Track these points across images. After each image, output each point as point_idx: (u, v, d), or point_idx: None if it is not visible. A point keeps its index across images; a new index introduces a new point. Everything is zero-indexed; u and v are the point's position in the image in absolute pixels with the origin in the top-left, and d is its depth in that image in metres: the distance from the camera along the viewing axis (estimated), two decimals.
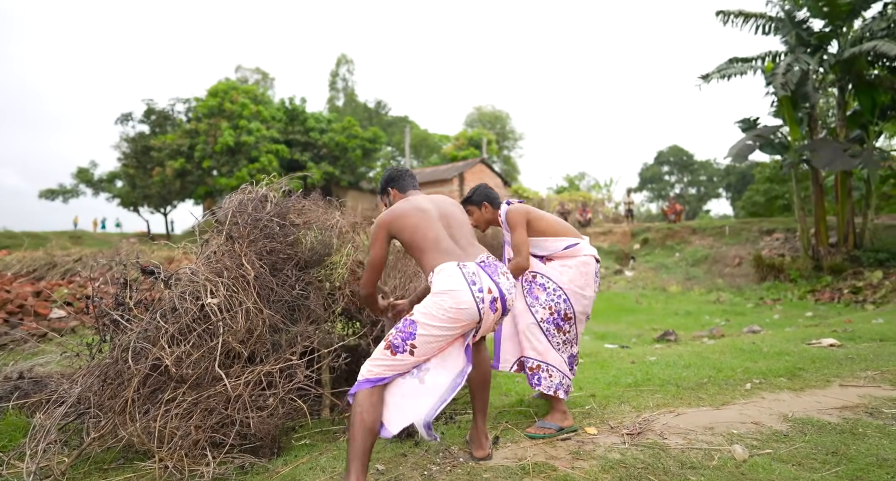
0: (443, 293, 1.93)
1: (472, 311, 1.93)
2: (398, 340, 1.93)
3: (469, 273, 1.97)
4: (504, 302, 2.02)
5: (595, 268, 2.71)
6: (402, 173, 2.45)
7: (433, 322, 1.92)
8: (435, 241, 2.07)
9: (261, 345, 2.44)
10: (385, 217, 2.14)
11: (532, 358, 2.59)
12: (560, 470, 2.06)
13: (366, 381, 1.92)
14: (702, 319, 7.33)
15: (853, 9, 11.41)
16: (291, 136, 26.26)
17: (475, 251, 2.12)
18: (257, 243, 2.61)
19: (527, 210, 2.70)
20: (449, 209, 2.25)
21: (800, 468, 2.01)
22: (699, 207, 43.96)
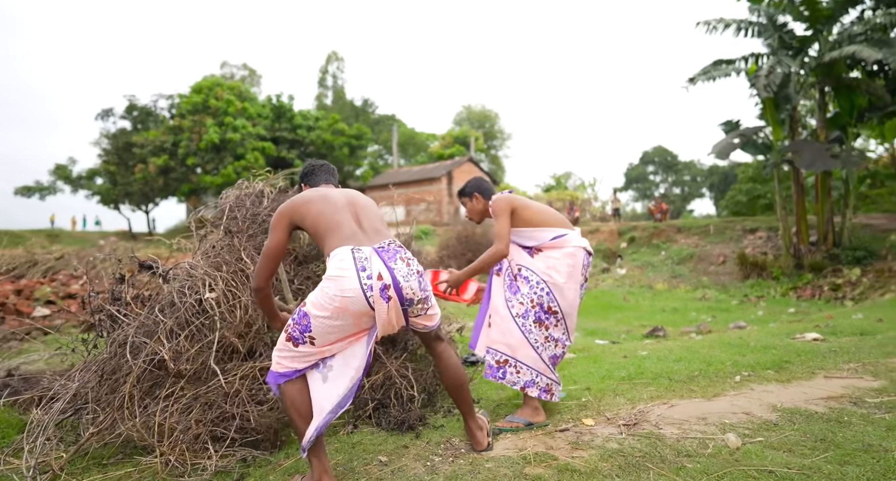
0: (329, 279, 1.82)
1: (359, 299, 1.78)
2: (296, 332, 1.84)
3: (360, 257, 1.83)
4: (399, 290, 1.85)
5: (583, 259, 2.65)
6: (316, 167, 2.35)
7: (321, 311, 1.80)
8: (337, 226, 1.95)
9: (259, 339, 2.44)
10: (286, 204, 2.03)
11: (500, 351, 2.55)
12: (560, 460, 2.10)
13: (279, 376, 1.87)
14: (688, 316, 7.47)
15: (833, 13, 11.69)
16: (278, 134, 26.08)
17: (379, 237, 1.98)
18: (256, 238, 2.61)
19: (512, 199, 2.66)
20: (358, 197, 2.15)
21: (790, 454, 2.08)
22: (683, 207, 44.60)
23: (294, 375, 1.87)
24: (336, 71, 43.09)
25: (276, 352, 1.89)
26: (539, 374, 2.54)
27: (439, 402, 2.93)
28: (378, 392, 2.74)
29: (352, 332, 1.88)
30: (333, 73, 43.06)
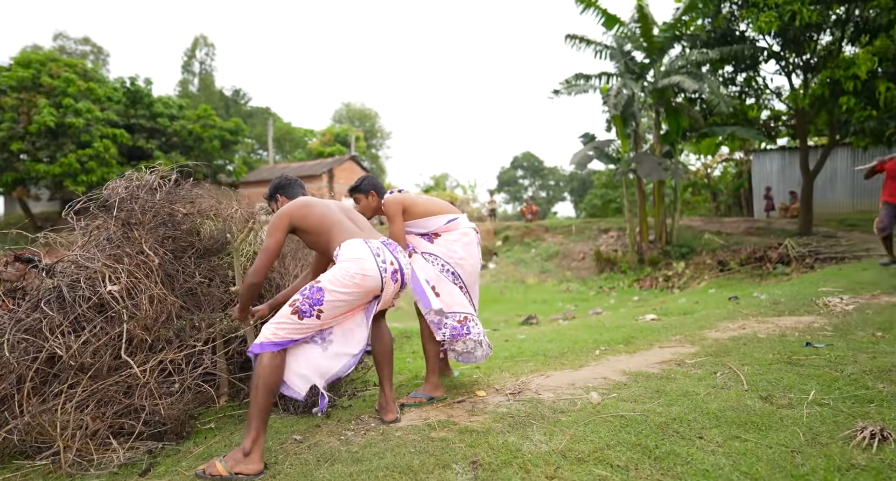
0: (349, 260, 2.14)
1: (375, 278, 2.15)
2: (305, 306, 2.06)
3: (374, 247, 2.22)
4: (403, 274, 2.29)
5: (475, 237, 2.99)
6: (291, 182, 2.63)
7: (339, 287, 2.09)
8: (341, 224, 2.30)
9: (165, 331, 2.40)
10: (290, 207, 2.31)
11: (459, 311, 2.77)
12: (460, 424, 2.41)
13: (271, 344, 2.04)
14: (556, 305, 8.40)
15: (663, 46, 13.83)
16: (134, 121, 23.26)
17: (376, 234, 2.40)
18: (157, 230, 2.55)
19: (402, 199, 2.90)
20: (344, 206, 2.51)
21: (635, 403, 2.62)
22: (548, 209, 48.67)
23: (287, 345, 2.05)
24: (204, 57, 39.66)
25: (272, 325, 2.05)
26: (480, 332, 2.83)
27: (343, 387, 3.10)
28: None
29: (355, 306, 2.19)
30: (201, 60, 39.58)
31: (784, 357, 3.19)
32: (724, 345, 3.75)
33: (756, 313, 5.08)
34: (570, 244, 14.04)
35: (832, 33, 11.31)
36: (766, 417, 2.29)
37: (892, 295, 5.55)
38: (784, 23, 9.96)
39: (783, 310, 5.17)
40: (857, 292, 5.78)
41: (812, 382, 2.69)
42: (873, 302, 5.20)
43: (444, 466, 1.98)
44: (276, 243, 2.23)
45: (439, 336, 2.76)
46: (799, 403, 2.44)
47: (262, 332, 2.06)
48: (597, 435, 2.18)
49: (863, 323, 4.18)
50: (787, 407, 2.42)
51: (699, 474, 1.83)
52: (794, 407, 2.40)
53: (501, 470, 1.93)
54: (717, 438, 2.10)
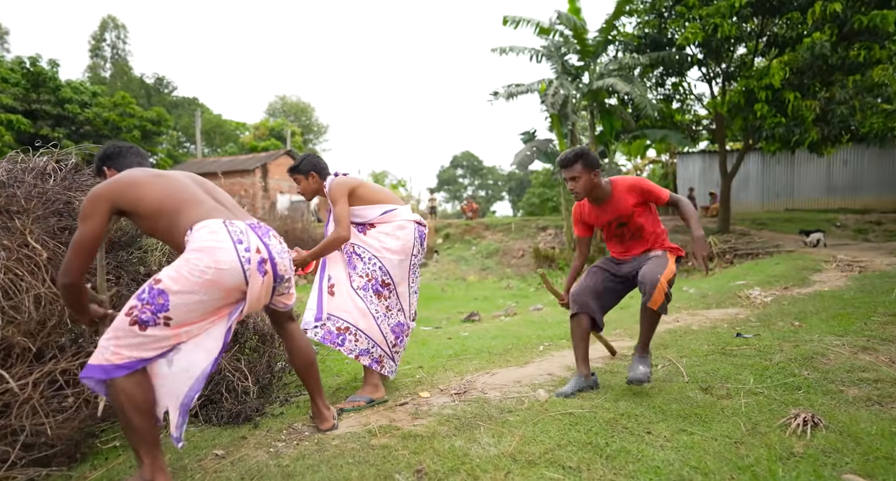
0: (199, 250, 1.63)
1: (235, 273, 1.66)
2: (147, 314, 1.58)
3: (236, 230, 1.72)
4: (275, 265, 1.79)
5: (414, 231, 2.75)
6: (123, 149, 2.04)
7: (187, 286, 1.60)
8: (194, 201, 1.78)
9: (58, 337, 2.05)
10: (106, 187, 1.73)
11: (342, 318, 2.60)
12: (403, 428, 2.24)
13: (114, 368, 1.57)
14: (497, 302, 8.41)
15: (597, 50, 14.32)
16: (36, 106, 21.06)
17: (243, 215, 1.90)
18: (47, 220, 2.19)
19: (348, 181, 2.71)
20: (198, 177, 1.99)
21: (582, 400, 2.57)
22: (487, 208, 49.38)
23: (136, 366, 1.60)
24: (115, 40, 36.71)
25: (108, 341, 1.60)
26: (375, 345, 2.65)
27: (275, 393, 2.84)
28: (206, 388, 2.53)
29: (215, 310, 1.71)
30: (112, 43, 36.60)
31: (718, 348, 3.28)
32: (662, 337, 3.82)
33: (687, 306, 5.28)
34: (510, 242, 14.21)
35: (746, 46, 12.13)
36: (708, 409, 2.30)
37: (800, 287, 5.97)
38: (707, 34, 10.55)
39: (711, 302, 5.41)
40: (772, 285, 6.17)
41: (746, 372, 2.76)
42: (786, 293, 5.57)
43: (386, 477, 1.81)
44: (90, 233, 1.68)
45: (310, 333, 2.58)
46: (736, 393, 2.48)
47: (99, 350, 1.59)
48: (546, 435, 2.09)
49: (781, 313, 4.43)
50: (725, 397, 2.45)
51: (650, 471, 1.78)
52: (732, 398, 2.43)
53: (448, 479, 1.79)
54: (665, 432, 2.08)
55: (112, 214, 1.75)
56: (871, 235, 12.77)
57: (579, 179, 2.56)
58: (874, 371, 2.67)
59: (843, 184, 17.14)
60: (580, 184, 2.58)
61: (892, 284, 5.01)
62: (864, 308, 4.14)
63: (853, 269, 6.54)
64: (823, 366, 2.78)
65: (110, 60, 36.43)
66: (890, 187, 15.80)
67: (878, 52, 9.74)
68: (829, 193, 17.29)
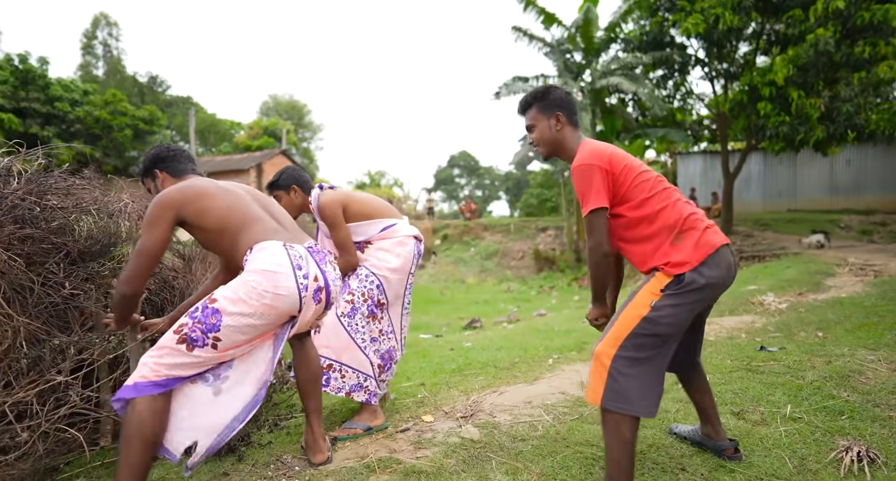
0: (259, 273, 1.61)
1: (292, 299, 1.65)
2: (196, 333, 1.56)
3: (296, 255, 1.70)
4: (329, 293, 1.80)
5: (414, 248, 2.57)
6: (176, 153, 2.01)
7: (243, 309, 1.58)
8: (257, 220, 1.76)
9: (12, 362, 1.80)
10: (174, 195, 1.71)
11: (323, 356, 2.36)
12: (405, 462, 2.00)
13: (150, 385, 1.52)
14: (498, 306, 8.17)
15: (600, 48, 14.12)
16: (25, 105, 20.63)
17: (302, 237, 1.88)
18: (3, 228, 1.93)
19: (341, 198, 2.48)
20: (259, 193, 1.97)
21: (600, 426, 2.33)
22: (484, 208, 49.15)
23: (173, 385, 1.55)
24: (108, 37, 36.24)
25: (152, 357, 1.56)
26: (367, 377, 2.40)
27: (264, 415, 2.59)
28: None
29: (264, 333, 1.68)
30: (104, 41, 36.14)
31: (743, 363, 3.04)
32: None
33: None
34: (509, 243, 13.98)
35: (749, 43, 11.93)
36: (744, 438, 2.07)
37: (816, 293, 5.75)
38: (709, 26, 10.34)
39: (724, 309, 5.18)
40: (786, 290, 5.95)
41: (778, 392, 2.53)
42: (802, 300, 5.35)
43: None
44: (157, 241, 1.67)
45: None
46: (772, 418, 2.25)
47: (138, 367, 1.54)
48: (568, 473, 1.85)
49: (800, 322, 4.20)
50: (761, 423, 2.22)
51: None
52: (768, 424, 2.20)
53: None
54: (702, 470, 1.84)
55: (176, 223, 1.71)
56: (875, 236, 12.59)
57: (534, 127, 1.91)
58: None
59: (846, 185, 16.97)
60: (536, 135, 1.91)
61: None
62: (890, 317, 3.92)
63: (867, 273, 6.33)
64: (863, 386, 2.55)
65: (103, 59, 35.99)
66: (894, 187, 15.63)
67: (884, 47, 9.54)
68: (832, 193, 17.12)
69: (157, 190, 1.95)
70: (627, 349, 1.59)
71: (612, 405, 1.58)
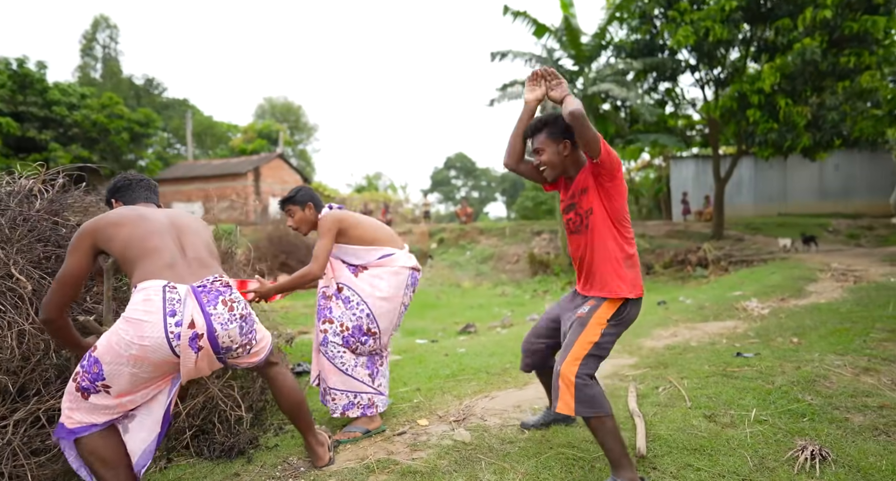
0: (128, 321, 1.58)
1: (161, 349, 1.58)
2: (86, 381, 1.59)
3: (172, 299, 1.61)
4: (214, 339, 1.67)
5: (408, 278, 2.61)
6: (133, 182, 2.03)
7: (115, 358, 1.57)
8: (154, 253, 1.69)
9: (42, 373, 1.97)
10: (90, 224, 1.72)
11: (323, 379, 2.58)
12: (402, 463, 2.18)
13: (69, 432, 1.61)
14: (492, 311, 8.35)
15: (591, 55, 14.33)
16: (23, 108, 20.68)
17: (203, 270, 1.76)
18: (32, 248, 2.10)
19: (341, 217, 2.55)
20: (184, 220, 1.90)
21: (582, 428, 2.52)
22: (480, 210, 49.32)
23: (88, 431, 1.62)
24: (107, 40, 36.30)
25: (65, 403, 1.63)
26: (356, 394, 2.54)
27: (269, 419, 2.76)
28: (197, 418, 2.46)
29: (153, 380, 1.67)
30: (104, 43, 36.20)
31: (719, 369, 3.24)
32: (661, 355, 3.78)
33: (685, 319, 5.25)
34: (505, 246, 14.17)
35: (739, 50, 12.18)
36: (713, 440, 2.25)
37: (797, 298, 5.96)
38: (699, 37, 10.58)
39: (708, 315, 5.38)
40: (769, 296, 6.16)
41: (749, 396, 2.72)
42: (783, 305, 5.55)
43: None
44: (71, 269, 1.66)
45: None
46: (741, 421, 2.43)
47: (62, 410, 1.65)
48: (550, 473, 2.04)
49: (779, 328, 4.40)
50: (730, 425, 2.41)
51: None
52: (736, 427, 2.39)
53: None
54: (671, 468, 2.03)
55: (95, 252, 1.73)
56: (863, 240, 12.85)
57: (543, 152, 2.06)
58: (878, 396, 2.64)
59: (835, 189, 17.27)
60: (545, 158, 2.06)
61: (888, 297, 5.01)
62: (862, 323, 4.12)
63: (848, 279, 6.55)
64: (826, 390, 2.74)
65: (101, 60, 36.04)
66: (881, 192, 15.92)
67: (868, 57, 9.81)
68: (821, 198, 17.41)
69: None
70: (586, 366, 1.92)
71: (590, 412, 1.87)
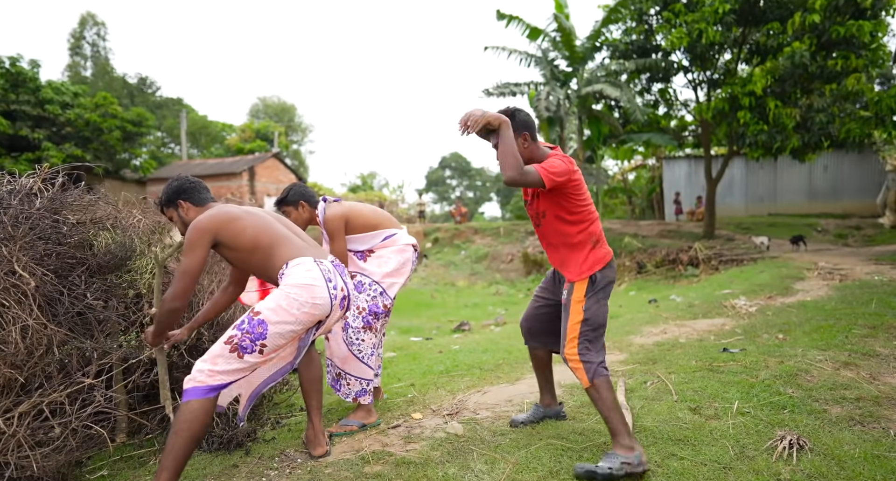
0: (299, 286, 1.89)
1: (326, 307, 1.94)
2: (246, 341, 1.83)
3: (325, 269, 1.98)
4: (349, 301, 2.11)
5: (411, 255, 2.79)
6: (196, 184, 2.22)
7: (286, 317, 1.86)
8: (286, 238, 2.03)
9: (44, 367, 2.02)
10: (209, 221, 1.95)
11: (336, 365, 2.67)
12: (396, 455, 2.25)
13: (207, 389, 1.80)
14: (487, 310, 8.43)
15: (585, 56, 14.46)
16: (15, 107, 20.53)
17: (324, 252, 2.14)
18: (34, 245, 2.15)
19: (346, 212, 2.67)
20: (280, 216, 2.23)
21: (574, 422, 2.60)
22: (476, 209, 49.42)
23: (227, 387, 1.85)
24: (95, 38, 36.06)
25: (207, 364, 1.82)
26: (369, 381, 2.65)
27: (266, 414, 2.83)
28: None
29: (299, 336, 1.99)
30: (92, 41, 35.97)
31: (706, 364, 3.32)
32: (651, 351, 3.87)
33: (674, 316, 5.35)
34: (499, 246, 14.26)
35: (731, 52, 12.34)
36: (696, 431, 2.33)
37: (784, 296, 6.07)
38: (692, 39, 10.72)
39: (697, 312, 5.48)
40: (757, 294, 6.27)
41: (733, 390, 2.81)
42: (771, 303, 5.66)
43: None
44: (196, 262, 1.91)
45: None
46: (724, 413, 2.52)
47: (194, 374, 1.81)
48: (539, 462, 2.11)
49: (766, 325, 4.50)
50: (714, 417, 2.49)
51: None
52: (720, 418, 2.47)
53: None
54: (656, 457, 2.11)
55: (212, 245, 1.96)
56: (850, 240, 13.04)
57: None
58: (856, 388, 2.73)
59: (824, 189, 17.48)
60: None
61: (872, 294, 5.13)
62: (846, 320, 4.23)
63: (835, 277, 6.67)
64: (807, 384, 2.83)
65: (91, 59, 35.81)
66: (869, 192, 16.14)
67: (855, 60, 9.97)
68: (810, 198, 17.62)
69: (179, 218, 2.15)
70: (584, 342, 2.11)
71: (595, 375, 2.07)
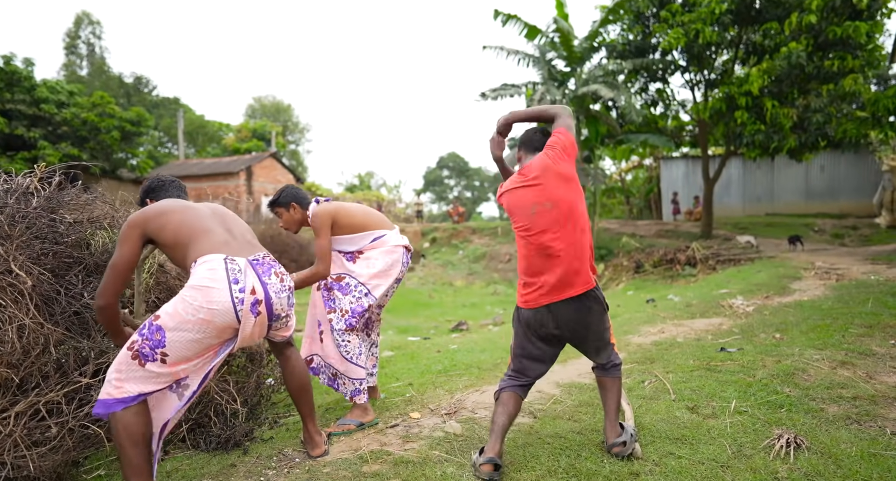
0: (195, 288, 1.71)
1: (227, 313, 1.72)
2: (146, 349, 1.67)
3: (234, 269, 1.77)
4: (270, 306, 1.85)
5: (401, 257, 2.74)
6: (165, 183, 2.17)
7: (181, 324, 1.68)
8: (206, 233, 1.85)
9: (41, 366, 2.02)
10: (140, 215, 1.86)
11: (332, 365, 2.67)
12: (395, 454, 2.25)
13: (115, 402, 1.65)
14: (485, 309, 8.43)
15: (583, 56, 14.46)
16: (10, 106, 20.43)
17: (252, 248, 1.94)
18: (32, 245, 2.14)
19: (333, 211, 2.64)
20: (223, 209, 2.08)
21: (571, 421, 2.60)
22: (473, 209, 49.41)
23: (137, 400, 1.67)
24: (91, 37, 35.93)
25: (113, 373, 1.69)
26: (362, 381, 2.64)
27: (264, 414, 2.82)
28: (193, 411, 2.51)
29: (209, 347, 1.77)
30: (87, 40, 35.84)
31: (703, 363, 3.33)
32: (649, 350, 3.87)
33: (672, 316, 5.36)
34: (497, 245, 14.26)
35: (728, 52, 12.37)
36: (694, 429, 2.34)
37: (781, 296, 6.09)
38: (689, 40, 10.74)
39: (695, 312, 5.49)
40: (754, 293, 6.29)
41: (730, 389, 2.82)
42: (768, 303, 5.67)
43: None
44: (125, 257, 1.78)
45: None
46: (721, 412, 2.52)
47: (105, 383, 1.68)
48: (537, 461, 2.11)
49: (763, 324, 4.51)
50: (711, 416, 2.50)
51: None
52: (717, 417, 2.48)
53: None
54: (654, 456, 2.11)
55: (143, 241, 1.85)
56: (847, 240, 13.08)
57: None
58: (852, 387, 2.74)
59: (821, 189, 17.54)
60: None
61: (868, 294, 5.15)
62: (842, 319, 4.24)
63: (831, 277, 6.69)
64: (804, 383, 2.84)
65: (86, 58, 35.68)
66: (865, 192, 16.19)
67: (851, 61, 10.01)
68: (807, 198, 17.67)
69: None
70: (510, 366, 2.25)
71: None
